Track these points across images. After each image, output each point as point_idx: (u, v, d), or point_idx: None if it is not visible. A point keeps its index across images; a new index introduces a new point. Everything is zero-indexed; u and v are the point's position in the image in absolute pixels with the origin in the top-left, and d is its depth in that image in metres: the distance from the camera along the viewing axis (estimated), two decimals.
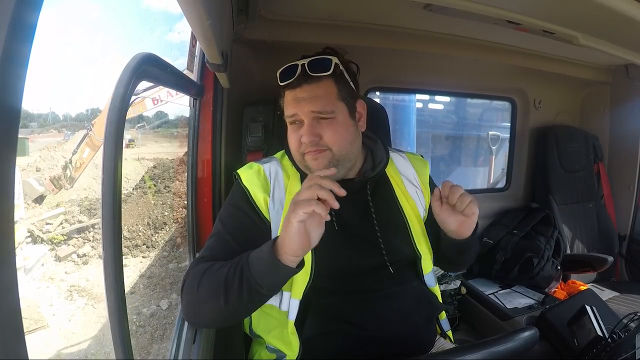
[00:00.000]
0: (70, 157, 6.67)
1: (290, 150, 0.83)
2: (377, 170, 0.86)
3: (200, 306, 0.70)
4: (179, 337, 0.81)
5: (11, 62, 0.25)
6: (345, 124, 0.80)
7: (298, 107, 0.78)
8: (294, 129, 0.80)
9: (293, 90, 0.78)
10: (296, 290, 0.78)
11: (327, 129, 0.77)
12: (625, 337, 0.87)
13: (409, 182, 0.92)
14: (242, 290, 0.65)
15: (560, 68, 1.66)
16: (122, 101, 0.49)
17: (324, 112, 0.77)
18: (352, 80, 0.83)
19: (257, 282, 0.64)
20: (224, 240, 0.79)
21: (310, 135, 0.76)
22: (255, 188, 0.82)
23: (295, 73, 0.77)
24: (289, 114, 0.79)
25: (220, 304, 0.67)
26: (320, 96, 0.77)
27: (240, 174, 0.85)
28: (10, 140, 0.27)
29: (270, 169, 0.85)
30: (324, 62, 0.78)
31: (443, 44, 1.39)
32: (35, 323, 3.64)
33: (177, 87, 0.88)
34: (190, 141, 1.11)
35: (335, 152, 0.78)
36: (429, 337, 0.88)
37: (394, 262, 0.83)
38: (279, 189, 0.83)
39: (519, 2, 0.79)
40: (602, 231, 1.88)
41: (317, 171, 0.70)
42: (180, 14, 0.52)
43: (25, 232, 5.33)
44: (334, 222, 0.80)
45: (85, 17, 29.91)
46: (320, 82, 0.78)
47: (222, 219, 0.83)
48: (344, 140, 0.79)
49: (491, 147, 3.63)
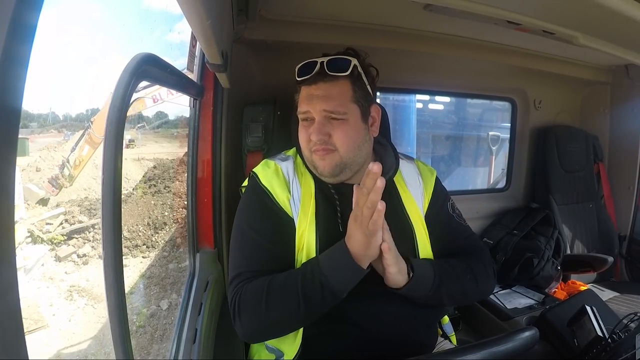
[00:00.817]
0: (68, 156, 6.65)
1: (301, 144, 0.83)
2: (386, 178, 0.82)
3: (274, 325, 0.73)
4: (179, 337, 0.81)
5: (11, 62, 0.25)
6: (356, 127, 0.79)
7: (310, 105, 0.78)
8: (304, 126, 0.81)
9: (308, 87, 0.79)
10: None
11: (337, 130, 0.77)
12: (625, 337, 0.87)
13: (412, 186, 0.91)
14: (325, 299, 0.68)
15: (560, 68, 1.66)
16: (122, 101, 0.49)
17: (336, 112, 0.77)
18: (369, 83, 0.82)
19: (340, 289, 0.68)
20: (261, 246, 0.77)
21: (319, 134, 0.76)
22: (276, 187, 0.81)
23: (313, 70, 0.77)
24: (302, 110, 0.80)
25: (299, 318, 0.71)
26: (334, 96, 0.77)
27: (258, 174, 0.84)
28: (10, 140, 0.27)
29: (287, 167, 0.85)
30: (342, 62, 0.78)
31: (443, 44, 1.39)
32: (35, 323, 3.64)
33: (177, 87, 0.88)
34: (190, 141, 1.11)
35: (342, 153, 0.78)
36: (430, 340, 0.87)
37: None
38: (296, 186, 0.83)
39: (519, 2, 0.79)
40: (602, 231, 1.88)
41: (359, 185, 0.69)
42: (180, 14, 0.52)
43: (25, 232, 5.33)
44: (339, 224, 0.80)
45: (85, 17, 30.05)
46: (336, 81, 0.77)
47: (250, 224, 0.80)
48: (353, 143, 0.78)
49: (491, 148, 3.63)
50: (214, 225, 1.13)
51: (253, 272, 0.75)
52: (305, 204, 0.81)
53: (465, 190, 2.24)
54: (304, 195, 0.82)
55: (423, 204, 0.90)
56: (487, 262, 0.88)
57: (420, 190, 0.91)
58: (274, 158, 0.89)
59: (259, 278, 0.74)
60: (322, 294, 0.68)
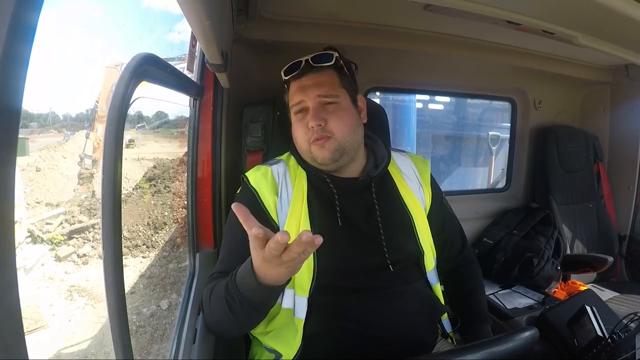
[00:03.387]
0: (84, 148, 6.65)
1: (297, 142, 0.85)
2: (380, 169, 0.87)
3: (218, 323, 0.75)
4: (179, 337, 0.81)
5: (11, 62, 0.25)
6: (349, 110, 0.84)
7: (304, 94, 0.82)
8: (299, 118, 0.83)
9: (298, 80, 0.83)
10: (302, 289, 0.78)
11: (332, 115, 0.80)
12: (625, 337, 0.87)
13: (409, 178, 0.93)
14: (244, 308, 0.67)
15: (560, 68, 1.66)
16: (122, 101, 0.49)
17: (329, 95, 0.81)
18: (351, 76, 0.88)
19: (255, 302, 0.66)
20: (234, 251, 0.79)
21: (316, 119, 0.79)
22: (263, 189, 0.83)
23: (299, 66, 0.83)
24: (295, 102, 0.83)
25: (231, 320, 0.70)
26: (324, 82, 0.82)
27: (248, 176, 0.86)
28: (10, 140, 0.27)
29: (278, 170, 0.86)
30: (325, 56, 0.84)
31: (443, 44, 1.39)
32: (35, 323, 3.63)
33: (177, 88, 0.88)
34: (190, 141, 1.11)
35: (339, 138, 0.80)
36: (430, 338, 0.88)
37: (396, 260, 0.83)
38: (286, 188, 0.84)
39: (519, 2, 0.79)
40: (602, 231, 1.88)
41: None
42: (180, 14, 0.52)
43: (25, 232, 5.32)
44: (337, 218, 0.82)
45: (85, 17, 30.03)
46: (323, 71, 0.83)
47: (231, 229, 0.83)
48: (348, 127, 0.82)
49: (491, 148, 3.63)
50: (214, 225, 1.13)
51: (221, 273, 0.77)
52: (296, 205, 0.82)
53: (465, 190, 2.25)
54: (296, 197, 0.83)
55: (424, 198, 0.92)
56: (474, 258, 1.05)
57: (418, 183, 0.93)
58: (265, 163, 0.91)
59: (218, 280, 0.75)
60: (240, 301, 0.66)
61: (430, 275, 0.89)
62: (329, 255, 0.78)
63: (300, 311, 0.78)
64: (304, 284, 0.78)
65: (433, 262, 0.90)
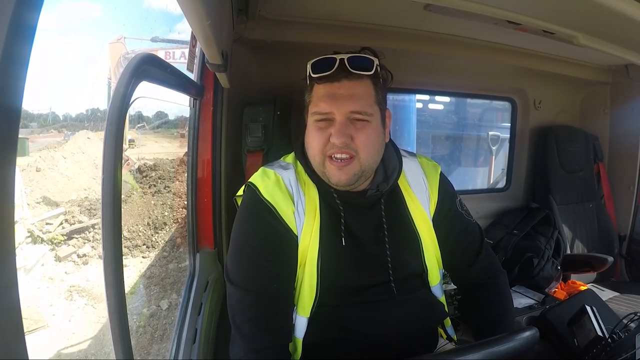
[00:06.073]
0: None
1: (310, 149, 0.75)
2: (391, 182, 0.79)
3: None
4: (179, 337, 0.81)
5: (11, 62, 0.25)
6: (377, 130, 0.74)
7: (334, 104, 0.70)
8: (320, 127, 0.72)
9: (330, 85, 0.71)
10: (303, 309, 0.76)
11: (360, 133, 0.70)
12: (625, 337, 0.87)
13: (418, 189, 0.85)
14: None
15: (560, 68, 1.66)
16: (122, 101, 0.49)
17: (363, 112, 0.70)
18: (384, 86, 0.78)
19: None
20: (262, 267, 0.72)
21: (342, 136, 0.69)
22: (279, 201, 0.74)
23: (332, 67, 0.70)
24: (321, 111, 0.71)
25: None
26: (361, 96, 0.71)
27: (258, 186, 0.75)
28: (11, 140, 0.27)
29: (289, 177, 0.78)
30: (365, 61, 0.72)
31: (443, 44, 1.39)
32: (35, 323, 3.63)
33: (177, 87, 0.88)
34: (190, 141, 1.11)
35: (362, 159, 0.71)
36: (431, 344, 0.87)
37: (399, 278, 0.80)
38: (300, 198, 0.76)
39: (519, 2, 0.79)
40: (602, 231, 1.88)
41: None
42: (180, 14, 0.52)
43: (25, 232, 5.32)
44: (342, 238, 0.76)
45: (85, 18, 30.04)
46: (360, 80, 0.71)
47: (248, 240, 0.75)
48: (374, 148, 0.73)
49: (491, 147, 3.62)
50: (214, 225, 1.13)
51: (261, 296, 0.72)
52: (309, 217, 0.76)
53: (465, 190, 2.24)
54: (308, 207, 0.76)
55: (429, 206, 0.85)
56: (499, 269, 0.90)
57: (425, 191, 0.85)
58: (272, 166, 0.81)
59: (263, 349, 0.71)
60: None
61: (435, 289, 0.86)
62: (332, 277, 0.75)
63: (300, 331, 0.76)
64: (305, 304, 0.75)
65: (438, 278, 0.86)
